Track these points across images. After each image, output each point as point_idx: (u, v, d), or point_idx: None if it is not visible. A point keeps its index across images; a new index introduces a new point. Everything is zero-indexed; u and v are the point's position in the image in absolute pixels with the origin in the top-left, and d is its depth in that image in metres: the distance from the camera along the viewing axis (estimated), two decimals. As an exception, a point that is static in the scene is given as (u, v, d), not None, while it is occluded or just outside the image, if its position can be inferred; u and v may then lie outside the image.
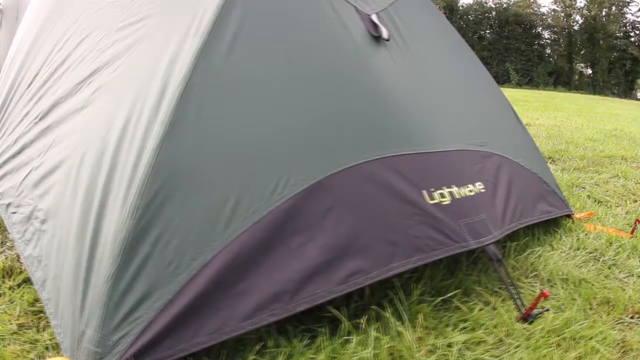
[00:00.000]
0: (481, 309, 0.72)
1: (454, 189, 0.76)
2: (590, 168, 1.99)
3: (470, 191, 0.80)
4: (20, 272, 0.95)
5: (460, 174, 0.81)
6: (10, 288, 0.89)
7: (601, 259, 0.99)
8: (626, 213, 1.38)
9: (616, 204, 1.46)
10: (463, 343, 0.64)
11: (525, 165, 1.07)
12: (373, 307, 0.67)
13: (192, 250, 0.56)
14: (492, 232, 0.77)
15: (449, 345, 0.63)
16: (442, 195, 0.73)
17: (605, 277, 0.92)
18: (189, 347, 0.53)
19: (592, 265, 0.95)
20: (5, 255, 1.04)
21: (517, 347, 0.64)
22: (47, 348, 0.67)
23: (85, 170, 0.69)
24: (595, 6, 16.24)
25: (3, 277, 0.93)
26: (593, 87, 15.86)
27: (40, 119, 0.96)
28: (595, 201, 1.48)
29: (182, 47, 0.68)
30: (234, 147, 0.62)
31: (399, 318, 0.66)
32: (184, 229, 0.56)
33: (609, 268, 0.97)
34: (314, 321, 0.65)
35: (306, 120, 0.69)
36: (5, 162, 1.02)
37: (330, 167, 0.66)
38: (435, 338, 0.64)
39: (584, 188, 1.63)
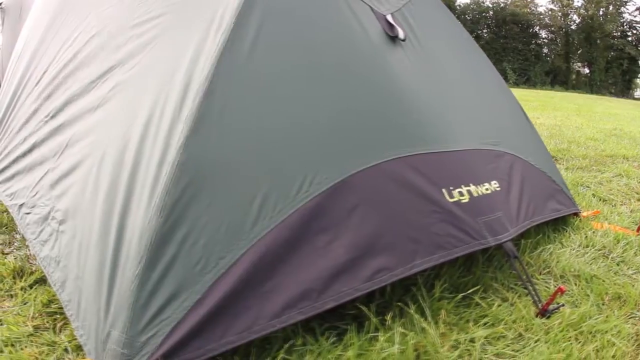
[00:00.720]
0: (499, 305, 0.75)
1: (472, 188, 0.79)
2: (593, 167, 2.04)
3: (487, 189, 0.82)
4: (32, 273, 0.95)
5: (476, 173, 0.83)
6: (22, 289, 0.89)
7: (610, 256, 1.03)
8: (631, 211, 1.42)
9: (620, 203, 1.50)
10: (484, 338, 0.66)
11: (535, 164, 1.10)
12: (398, 303, 0.69)
13: (219, 249, 0.56)
14: (509, 230, 0.80)
15: (472, 341, 0.65)
16: (460, 194, 0.76)
17: (614, 274, 0.95)
18: (218, 346, 0.53)
19: (602, 262, 0.99)
20: (14, 256, 1.04)
21: (536, 341, 0.66)
22: (66, 350, 0.67)
23: (106, 169, 0.69)
24: (593, 5, 16.52)
25: (14, 277, 0.93)
26: (590, 86, 16.13)
27: (52, 117, 0.96)
28: (600, 200, 1.52)
29: (203, 45, 0.69)
30: (259, 145, 0.63)
31: (422, 314, 0.69)
32: (211, 227, 0.57)
33: (618, 265, 1.00)
34: (337, 319, 0.67)
35: (327, 119, 0.70)
36: (14, 161, 1.02)
37: (353, 166, 0.68)
38: (458, 333, 0.66)
39: (588, 187, 1.67)
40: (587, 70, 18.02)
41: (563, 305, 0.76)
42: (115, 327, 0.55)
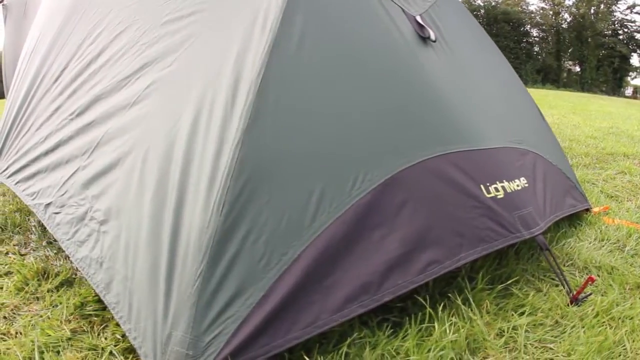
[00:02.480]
0: (534, 295, 0.82)
1: (505, 184, 0.85)
2: (596, 165, 2.16)
3: (517, 186, 0.89)
4: (57, 275, 0.95)
5: (507, 170, 0.90)
6: (49, 291, 0.90)
7: (625, 249, 1.12)
8: (637, 207, 1.53)
9: (627, 199, 1.61)
10: (525, 326, 0.72)
11: (552, 161, 1.18)
12: (449, 295, 0.74)
13: (281, 245, 0.59)
14: (539, 224, 0.87)
15: (514, 329, 0.71)
16: (496, 190, 0.82)
17: (630, 265, 1.04)
18: (284, 342, 0.55)
19: (618, 255, 1.07)
20: (33, 257, 1.04)
21: (572, 327, 0.73)
22: (112, 354, 0.67)
23: (152, 166, 0.70)
24: (584, 4, 17.20)
25: (39, 279, 0.93)
26: (581, 84, 16.80)
27: (78, 115, 0.96)
28: (607, 196, 1.63)
29: (248, 43, 0.71)
30: (312, 142, 0.67)
31: (467, 305, 0.74)
32: (271, 224, 0.59)
33: (632, 257, 1.09)
34: (385, 312, 0.72)
35: (373, 118, 0.75)
36: (36, 159, 1.01)
37: (400, 162, 0.72)
38: (501, 322, 0.73)
39: (594, 184, 1.78)
40: (578, 69, 18.74)
41: (591, 294, 0.83)
42: (177, 328, 0.55)
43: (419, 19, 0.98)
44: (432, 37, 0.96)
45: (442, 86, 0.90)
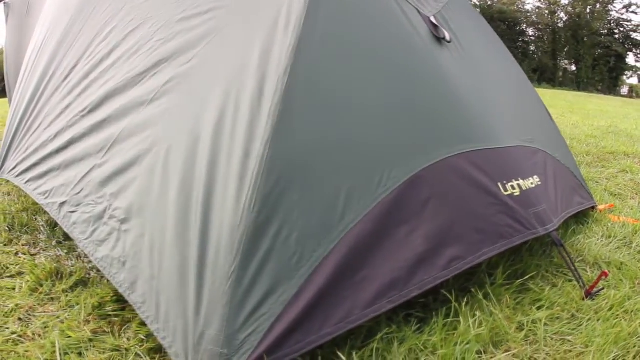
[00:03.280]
0: (550, 290, 0.85)
1: (521, 182, 0.89)
2: (598, 163, 2.23)
3: (532, 183, 0.92)
4: (71, 275, 0.96)
5: (521, 168, 0.93)
6: (64, 292, 0.90)
7: (632, 246, 1.16)
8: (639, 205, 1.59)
9: (630, 197, 1.67)
10: (544, 319, 0.76)
11: (561, 160, 1.22)
12: (471, 290, 0.77)
13: (312, 242, 0.60)
14: (553, 221, 0.90)
15: (533, 322, 0.75)
16: (512, 187, 0.85)
17: (638, 262, 1.08)
18: (318, 338, 0.56)
19: (626, 251, 1.12)
20: (44, 257, 1.04)
21: (588, 320, 0.77)
22: (138, 355, 0.67)
23: (175, 164, 0.71)
24: (580, 3, 17.53)
25: (52, 280, 0.94)
26: (577, 83, 17.13)
27: (89, 112, 0.97)
28: (610, 194, 1.69)
29: (272, 41, 0.72)
30: (339, 140, 0.69)
31: (487, 300, 0.77)
32: (303, 221, 0.61)
33: (639, 253, 1.14)
34: (409, 307, 0.74)
35: (395, 116, 0.77)
36: (46, 157, 1.01)
37: (423, 160, 0.75)
38: (520, 316, 0.76)
39: (597, 182, 1.84)
40: (574, 68, 19.08)
41: (603, 288, 0.87)
42: (210, 326, 0.55)
43: (433, 19, 1.01)
44: (447, 37, 0.98)
45: (458, 86, 0.93)
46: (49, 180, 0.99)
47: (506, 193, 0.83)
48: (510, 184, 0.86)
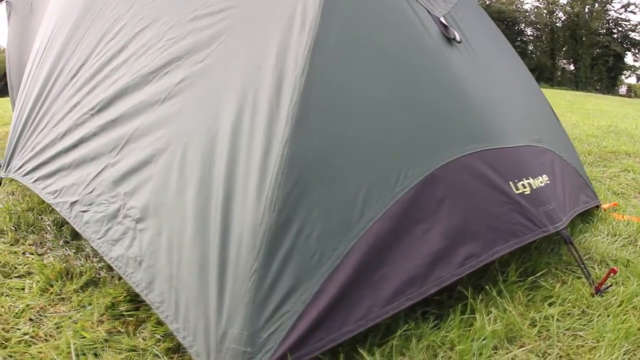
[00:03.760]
0: (560, 286, 0.88)
1: (531, 181, 0.91)
2: (599, 163, 2.27)
3: (541, 182, 0.95)
4: (81, 274, 0.96)
5: (531, 167, 0.96)
6: (75, 292, 0.91)
7: (637, 244, 1.19)
8: (642, 203, 1.62)
9: (633, 196, 1.71)
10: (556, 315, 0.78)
11: (567, 159, 1.25)
12: (486, 287, 0.79)
13: (332, 241, 0.62)
14: (562, 219, 0.93)
15: (545, 318, 0.77)
16: (523, 186, 0.88)
17: (643, 259, 1.11)
18: (339, 336, 0.58)
19: (631, 249, 1.15)
20: (52, 257, 1.04)
21: (599, 315, 0.79)
22: (156, 355, 0.68)
23: (193, 163, 0.72)
24: (579, 3, 17.74)
25: (62, 280, 0.94)
26: (575, 83, 17.34)
27: (99, 111, 0.97)
28: (613, 193, 1.72)
29: (288, 41, 0.74)
30: (357, 140, 0.70)
31: (500, 296, 0.79)
32: (323, 219, 0.62)
33: (644, 251, 1.17)
34: (424, 304, 0.76)
35: (409, 116, 0.79)
36: (55, 157, 1.02)
37: (437, 160, 0.77)
38: (533, 313, 0.78)
39: (600, 181, 1.88)
40: (572, 67, 19.28)
41: (611, 285, 0.90)
42: (232, 325, 0.56)
43: (442, 20, 1.03)
44: (457, 38, 1.01)
45: (469, 85, 0.95)
46: (58, 179, 0.99)
47: (517, 192, 0.86)
48: (521, 182, 0.88)
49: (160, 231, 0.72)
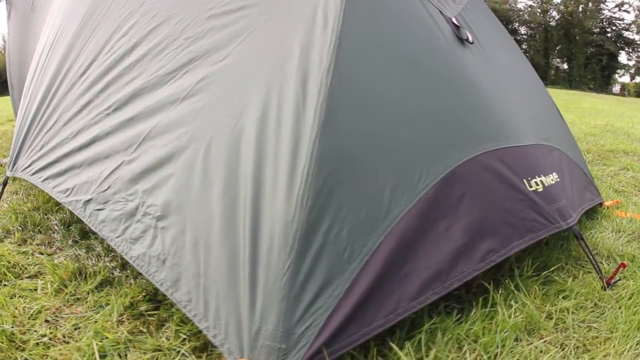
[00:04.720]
0: (572, 281, 0.92)
1: (543, 178, 0.96)
2: (599, 161, 2.35)
3: (552, 180, 1.00)
4: (95, 274, 0.97)
5: (542, 165, 1.00)
6: (90, 292, 0.91)
7: (641, 239, 1.25)
8: (642, 201, 1.69)
9: (633, 194, 1.78)
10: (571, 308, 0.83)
11: (573, 158, 1.31)
12: (505, 281, 0.83)
13: (361, 237, 0.64)
14: (572, 215, 0.98)
15: (560, 311, 0.81)
16: (536, 184, 0.92)
17: (647, 254, 1.17)
18: (370, 330, 0.60)
19: (636, 245, 1.21)
20: (62, 257, 1.04)
21: (611, 308, 0.84)
22: (182, 355, 0.68)
23: (218, 160, 0.73)
24: (572, 2, 18.13)
25: (76, 280, 0.94)
26: (569, 82, 17.74)
27: (115, 110, 0.98)
28: (614, 191, 1.79)
29: (311, 40, 0.75)
30: (382, 138, 0.73)
31: (519, 291, 0.83)
32: (352, 216, 0.65)
33: (647, 247, 1.23)
34: (444, 299, 0.80)
35: (429, 115, 0.83)
36: (67, 155, 1.02)
37: (456, 158, 0.81)
38: (548, 306, 0.83)
39: (600, 179, 1.95)
40: (565, 66, 19.70)
41: (620, 279, 0.95)
42: (266, 322, 0.57)
43: (454, 20, 1.06)
44: (470, 38, 1.04)
45: (481, 85, 0.99)
46: (69, 178, 0.99)
47: (531, 189, 0.90)
48: (533, 180, 0.92)
49: (184, 229, 0.73)
